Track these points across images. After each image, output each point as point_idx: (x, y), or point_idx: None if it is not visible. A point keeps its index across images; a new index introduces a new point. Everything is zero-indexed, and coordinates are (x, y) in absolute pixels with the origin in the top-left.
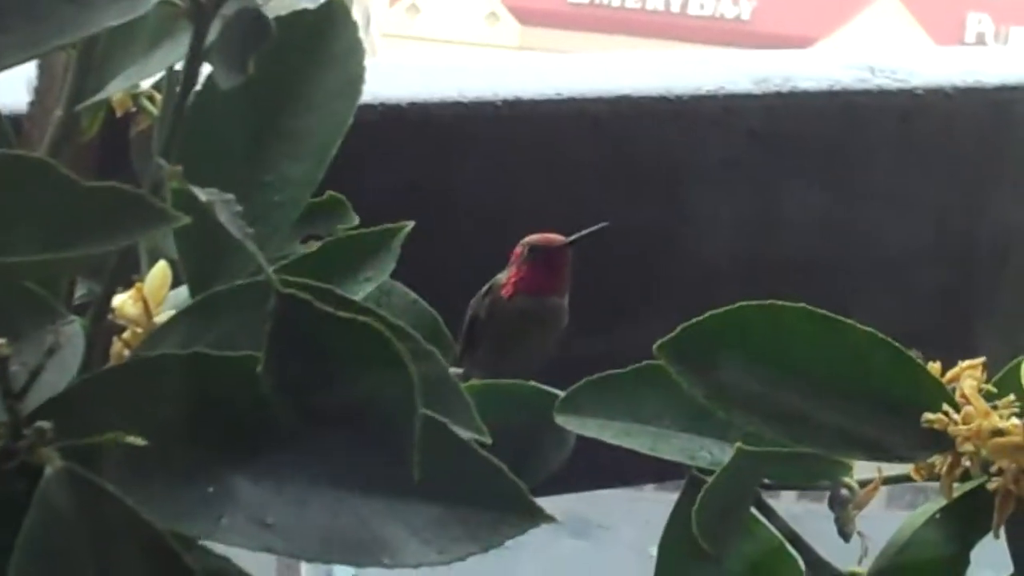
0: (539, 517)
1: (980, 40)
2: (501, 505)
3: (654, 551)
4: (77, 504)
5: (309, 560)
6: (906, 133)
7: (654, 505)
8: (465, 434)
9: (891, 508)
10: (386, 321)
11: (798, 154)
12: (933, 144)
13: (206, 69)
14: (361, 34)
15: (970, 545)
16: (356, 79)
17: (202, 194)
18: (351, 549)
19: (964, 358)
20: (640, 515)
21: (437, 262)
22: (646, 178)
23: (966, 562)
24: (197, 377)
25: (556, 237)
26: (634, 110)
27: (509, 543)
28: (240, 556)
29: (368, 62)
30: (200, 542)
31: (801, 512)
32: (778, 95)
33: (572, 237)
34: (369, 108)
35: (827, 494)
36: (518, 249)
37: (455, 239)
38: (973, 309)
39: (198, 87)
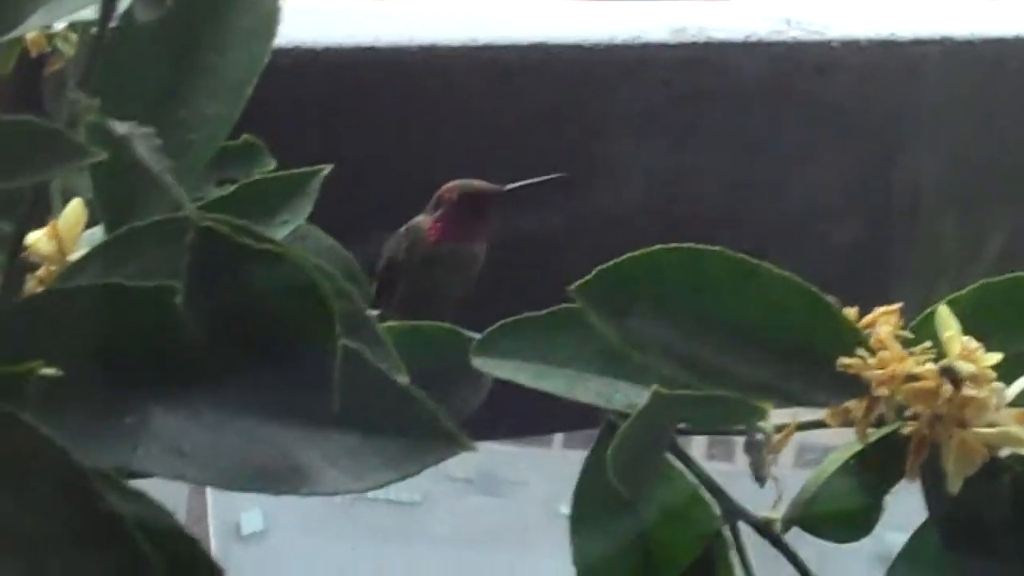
0: (457, 444)
1: None
2: (419, 433)
3: (564, 509)
4: None
5: (224, 488)
6: (821, 85)
7: (564, 463)
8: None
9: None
10: (305, 256)
11: (713, 105)
12: (848, 96)
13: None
14: None
15: (884, 491)
16: (271, 17)
17: (120, 127)
18: (267, 478)
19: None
20: (550, 473)
21: (351, 207)
22: (559, 128)
23: (880, 507)
24: (113, 308)
25: (486, 184)
26: (547, 59)
27: (419, 500)
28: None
29: (285, 4)
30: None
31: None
32: (693, 45)
33: (511, 186)
34: (284, 52)
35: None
36: (445, 193)
37: (368, 185)
38: (888, 261)
39: (114, 24)
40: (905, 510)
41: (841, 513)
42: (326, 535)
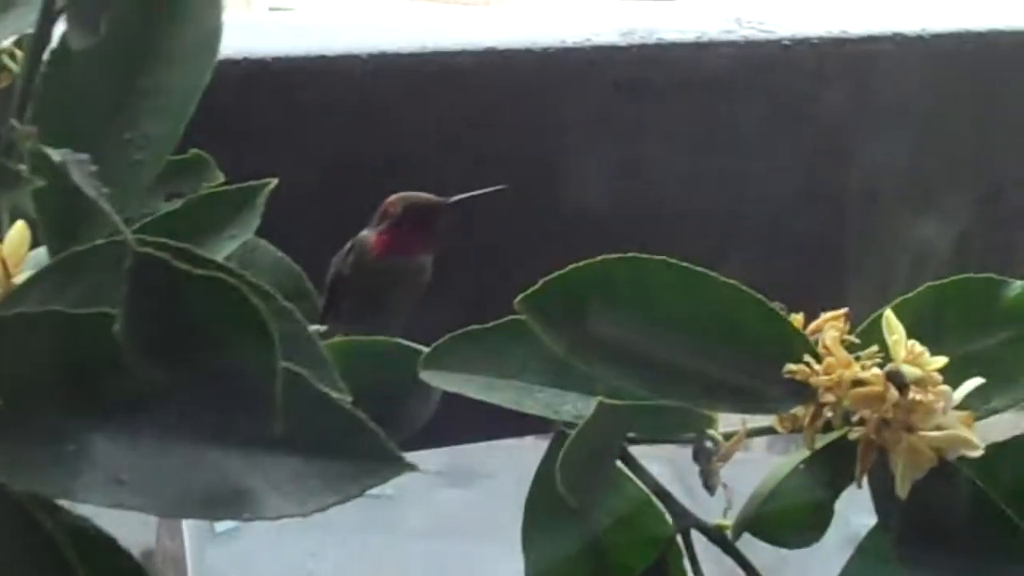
0: (399, 466)
1: None
2: (361, 455)
3: None
4: None
5: (165, 516)
6: (773, 83)
7: (535, 455)
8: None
9: (773, 453)
10: (244, 279)
11: (665, 106)
12: (800, 94)
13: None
14: None
15: (834, 495)
16: (213, 34)
17: (55, 155)
18: (209, 504)
19: (835, 306)
20: (521, 465)
21: (301, 219)
22: (512, 131)
23: (831, 512)
24: (54, 335)
25: (430, 197)
26: (500, 62)
27: (391, 493)
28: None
29: (234, 18)
30: (58, 502)
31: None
32: (644, 47)
33: (455, 198)
34: (233, 64)
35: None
36: (389, 207)
37: (319, 196)
38: (843, 257)
39: (54, 45)
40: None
41: (792, 518)
42: (299, 531)
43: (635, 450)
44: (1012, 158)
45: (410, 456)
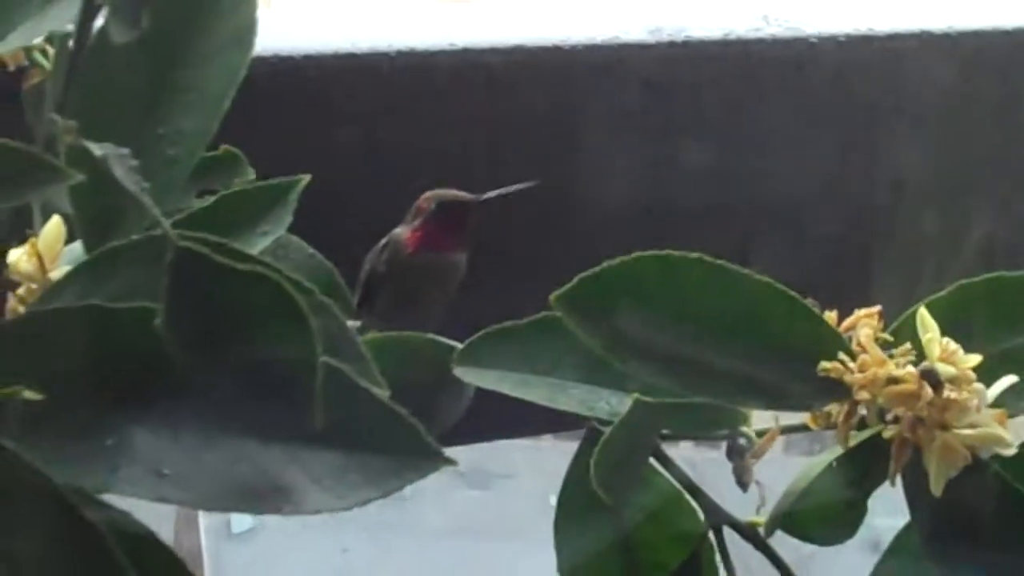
0: (439, 461)
1: None
2: (400, 450)
3: (555, 500)
4: None
5: (206, 509)
6: (800, 81)
7: (554, 454)
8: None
9: (789, 454)
10: (283, 274)
11: (693, 103)
12: (827, 92)
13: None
14: None
15: (867, 493)
16: (248, 29)
17: (97, 149)
18: (249, 497)
19: (860, 303)
20: (540, 465)
21: (334, 216)
22: (541, 129)
23: (863, 510)
24: (93, 330)
25: (462, 194)
26: (528, 60)
27: (411, 494)
28: (139, 507)
29: (262, 13)
30: (99, 496)
31: (700, 460)
32: (671, 44)
33: (488, 195)
34: (263, 61)
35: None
36: (423, 203)
37: (350, 193)
38: (869, 254)
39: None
40: (894, 495)
41: (824, 516)
42: (316, 531)
43: None
44: None
45: None
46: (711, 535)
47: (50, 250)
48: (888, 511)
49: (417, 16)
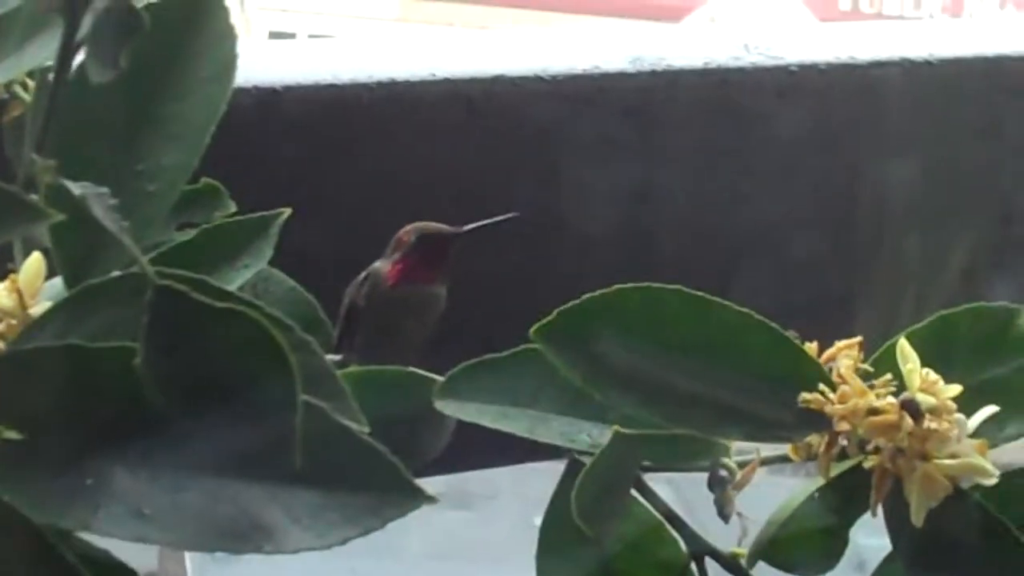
0: (419, 498)
1: (855, 7)
2: (380, 487)
3: (538, 521)
4: None
5: (187, 549)
6: (781, 109)
7: (536, 476)
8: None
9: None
10: (263, 311)
11: (674, 132)
12: (808, 120)
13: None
14: (237, 10)
15: (849, 523)
16: (229, 64)
17: (76, 188)
18: (229, 537)
19: (842, 329)
20: (523, 487)
21: (314, 248)
22: (522, 158)
23: (845, 539)
24: (73, 369)
25: (443, 227)
26: (510, 90)
27: None
28: (122, 543)
29: (242, 45)
30: (78, 534)
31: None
32: (652, 73)
33: (468, 227)
34: (243, 92)
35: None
36: (403, 236)
37: (331, 225)
38: (850, 282)
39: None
40: (878, 516)
41: (806, 545)
42: (295, 556)
43: None
44: (1021, 184)
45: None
46: (693, 565)
47: (30, 286)
48: (872, 532)
49: (398, 47)
